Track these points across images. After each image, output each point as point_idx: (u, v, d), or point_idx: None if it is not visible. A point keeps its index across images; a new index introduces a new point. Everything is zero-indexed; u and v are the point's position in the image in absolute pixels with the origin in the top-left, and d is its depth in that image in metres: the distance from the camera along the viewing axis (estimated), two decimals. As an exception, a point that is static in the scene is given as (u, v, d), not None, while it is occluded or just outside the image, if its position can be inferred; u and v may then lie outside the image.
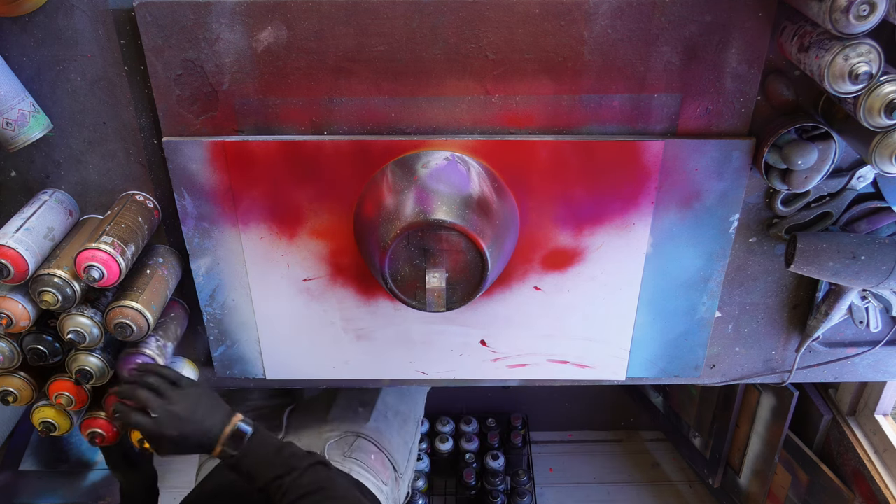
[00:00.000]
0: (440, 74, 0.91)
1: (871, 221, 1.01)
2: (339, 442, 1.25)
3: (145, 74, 0.92)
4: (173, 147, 0.94)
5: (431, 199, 0.88)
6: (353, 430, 1.28)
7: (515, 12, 0.87)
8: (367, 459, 1.24)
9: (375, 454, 1.26)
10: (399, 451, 1.33)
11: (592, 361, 1.14)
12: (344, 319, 1.09)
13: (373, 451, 1.26)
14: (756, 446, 1.69)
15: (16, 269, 0.87)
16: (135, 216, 0.94)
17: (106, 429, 1.03)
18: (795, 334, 1.15)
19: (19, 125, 0.88)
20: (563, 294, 1.06)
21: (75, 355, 0.96)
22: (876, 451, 1.46)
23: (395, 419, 1.38)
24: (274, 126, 0.94)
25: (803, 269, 0.98)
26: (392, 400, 1.39)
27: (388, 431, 1.33)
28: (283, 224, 1.00)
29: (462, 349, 1.13)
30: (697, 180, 0.97)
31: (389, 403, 1.38)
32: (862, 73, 0.74)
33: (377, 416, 1.33)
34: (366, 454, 1.24)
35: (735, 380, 1.20)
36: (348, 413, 1.31)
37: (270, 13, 0.86)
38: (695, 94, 0.92)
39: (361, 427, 1.29)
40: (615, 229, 1.01)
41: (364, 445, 1.26)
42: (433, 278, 0.90)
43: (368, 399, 1.35)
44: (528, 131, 0.95)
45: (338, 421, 1.29)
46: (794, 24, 0.84)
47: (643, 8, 0.86)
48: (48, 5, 0.87)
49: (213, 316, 1.09)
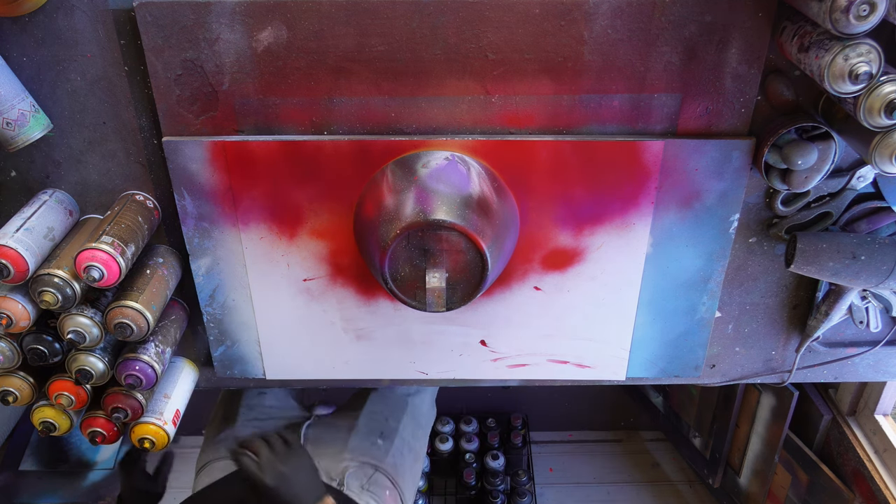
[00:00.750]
0: (440, 74, 0.91)
1: (871, 221, 1.01)
2: (356, 472, 1.27)
3: (145, 74, 0.92)
4: (173, 147, 0.94)
5: (431, 199, 0.88)
6: (371, 462, 1.31)
7: (515, 12, 0.87)
8: (382, 494, 1.27)
9: (390, 490, 1.29)
10: (409, 490, 1.37)
11: (592, 361, 1.14)
12: (344, 319, 1.09)
13: (388, 487, 1.29)
14: (756, 446, 1.69)
15: (16, 269, 0.87)
16: (135, 216, 0.95)
17: (106, 428, 1.03)
18: (795, 334, 1.15)
19: (19, 125, 0.88)
20: (563, 294, 1.06)
21: (75, 355, 0.96)
22: (876, 451, 1.46)
23: (409, 456, 1.40)
24: (274, 126, 0.95)
25: (803, 269, 0.98)
26: (408, 436, 1.42)
27: (403, 468, 1.36)
28: (283, 224, 1.00)
29: (462, 349, 1.13)
30: (697, 180, 0.97)
31: (406, 439, 1.41)
32: (862, 73, 0.74)
33: (395, 451, 1.36)
34: (381, 489, 1.28)
35: (735, 380, 1.20)
36: (367, 443, 1.34)
37: (270, 13, 0.86)
38: (695, 94, 0.92)
39: (381, 461, 1.32)
40: (615, 229, 1.01)
41: (381, 480, 1.29)
42: (433, 278, 0.90)
43: (388, 432, 1.39)
44: (528, 131, 0.95)
45: (358, 451, 1.32)
46: (794, 24, 0.84)
47: (643, 8, 0.86)
48: (48, 5, 0.87)
49: (213, 316, 1.09)
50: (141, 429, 1.04)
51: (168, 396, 1.09)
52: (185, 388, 1.13)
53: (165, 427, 1.05)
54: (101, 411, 1.02)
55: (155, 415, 1.05)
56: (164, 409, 1.07)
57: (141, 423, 1.04)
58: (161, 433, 1.05)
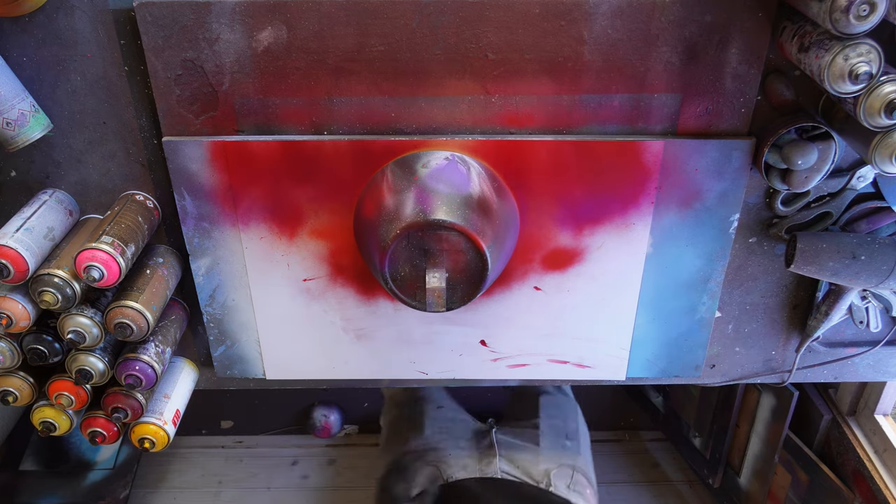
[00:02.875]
0: (440, 74, 0.91)
1: (871, 221, 1.01)
2: (560, 473, 1.33)
3: (145, 74, 0.92)
4: (173, 147, 0.94)
5: (431, 199, 0.88)
6: (568, 463, 1.36)
7: (515, 12, 0.87)
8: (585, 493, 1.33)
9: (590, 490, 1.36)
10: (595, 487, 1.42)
11: (592, 361, 1.14)
12: (344, 319, 1.09)
13: (588, 486, 1.36)
14: (756, 446, 1.69)
15: (16, 269, 0.87)
16: (135, 216, 0.95)
17: (106, 428, 1.03)
18: (795, 334, 1.15)
19: (19, 125, 0.88)
20: (563, 294, 1.06)
21: (75, 355, 0.96)
22: (876, 451, 1.46)
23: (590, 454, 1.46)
24: (274, 126, 0.95)
25: (803, 269, 0.98)
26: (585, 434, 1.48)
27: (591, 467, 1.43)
28: (283, 224, 1.00)
29: (462, 349, 1.13)
30: (697, 180, 0.97)
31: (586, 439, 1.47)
32: (862, 73, 0.74)
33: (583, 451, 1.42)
34: (584, 488, 1.34)
35: (735, 380, 1.20)
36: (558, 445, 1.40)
37: (270, 13, 0.86)
38: (695, 94, 0.92)
39: (576, 462, 1.38)
40: (615, 229, 1.01)
41: (581, 480, 1.35)
42: (433, 278, 0.90)
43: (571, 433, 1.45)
44: (528, 131, 0.95)
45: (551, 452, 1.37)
46: (794, 24, 0.84)
47: (643, 8, 0.86)
48: (48, 5, 0.87)
49: (213, 316, 1.09)
50: (141, 429, 1.04)
51: (168, 396, 1.09)
52: (185, 388, 1.13)
53: (165, 427, 1.05)
54: (101, 411, 1.02)
55: (155, 415, 1.05)
56: (164, 409, 1.07)
57: (141, 423, 1.04)
58: (161, 433, 1.05)
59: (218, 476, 2.08)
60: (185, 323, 1.09)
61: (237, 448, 2.17)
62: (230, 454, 2.15)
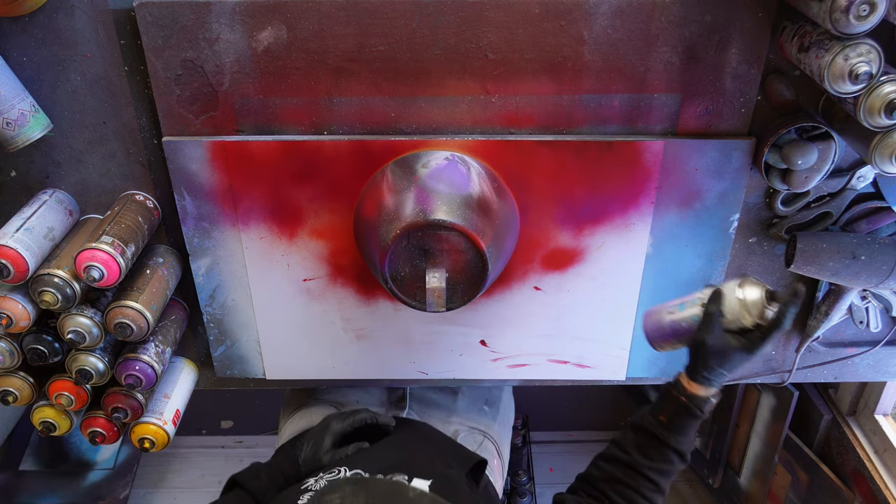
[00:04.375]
0: (440, 74, 0.91)
1: (871, 221, 1.01)
2: (467, 437, 1.23)
3: (145, 74, 0.92)
4: (173, 147, 0.94)
5: (431, 199, 0.88)
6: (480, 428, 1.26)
7: (515, 12, 0.87)
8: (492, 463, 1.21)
9: (497, 460, 1.25)
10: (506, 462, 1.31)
11: (592, 361, 1.14)
12: (344, 319, 1.09)
13: (495, 457, 1.24)
14: (756, 446, 1.69)
15: (16, 269, 0.87)
16: (135, 216, 0.94)
17: (106, 428, 1.03)
18: (795, 334, 1.15)
19: (19, 125, 0.88)
20: (563, 294, 1.06)
21: (75, 355, 0.96)
22: (876, 451, 1.46)
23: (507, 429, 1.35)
24: (274, 126, 0.95)
25: (803, 269, 0.98)
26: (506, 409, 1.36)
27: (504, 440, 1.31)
28: (283, 224, 1.00)
29: (462, 349, 1.13)
30: (697, 180, 0.97)
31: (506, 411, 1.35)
32: (862, 73, 0.74)
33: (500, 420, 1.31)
34: (490, 458, 1.22)
35: (735, 380, 1.20)
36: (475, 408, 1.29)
37: (270, 13, 0.86)
38: (695, 94, 0.92)
39: (489, 429, 1.27)
40: (615, 229, 1.01)
41: (490, 448, 1.24)
42: (433, 278, 0.90)
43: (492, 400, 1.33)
44: (528, 131, 0.95)
45: (465, 413, 1.26)
46: (794, 24, 0.84)
47: (643, 8, 0.86)
48: (48, 5, 0.87)
49: (213, 316, 1.09)
50: (141, 429, 1.04)
51: (168, 396, 1.09)
52: (185, 388, 1.13)
53: (165, 427, 1.05)
54: (101, 411, 1.02)
55: (155, 415, 1.05)
56: (164, 409, 1.07)
57: (141, 423, 1.04)
58: (161, 433, 1.05)
59: (218, 476, 2.07)
60: (185, 323, 1.09)
61: (237, 448, 2.17)
62: (230, 454, 2.14)
